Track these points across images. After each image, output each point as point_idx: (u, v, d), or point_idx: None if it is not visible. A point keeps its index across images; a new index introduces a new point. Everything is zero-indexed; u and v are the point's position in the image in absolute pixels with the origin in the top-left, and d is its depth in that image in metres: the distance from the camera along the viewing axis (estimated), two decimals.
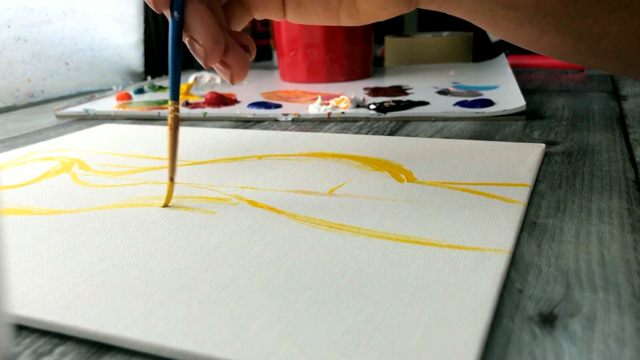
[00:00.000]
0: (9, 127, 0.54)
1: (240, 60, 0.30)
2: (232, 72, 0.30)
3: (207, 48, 0.29)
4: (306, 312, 0.19)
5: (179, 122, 0.29)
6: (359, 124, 0.49)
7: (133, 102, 0.62)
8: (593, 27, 0.29)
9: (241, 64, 0.30)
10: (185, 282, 0.21)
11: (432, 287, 0.20)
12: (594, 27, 0.29)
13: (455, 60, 0.84)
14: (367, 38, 0.72)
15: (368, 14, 0.32)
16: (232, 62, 0.30)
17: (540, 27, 0.30)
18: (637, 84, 0.65)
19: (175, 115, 0.29)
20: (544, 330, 0.18)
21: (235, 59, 0.30)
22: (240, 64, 0.30)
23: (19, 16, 0.68)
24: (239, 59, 0.30)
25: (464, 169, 0.33)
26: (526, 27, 0.30)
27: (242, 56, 0.30)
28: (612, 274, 0.21)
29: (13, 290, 0.21)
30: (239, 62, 0.30)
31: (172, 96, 0.29)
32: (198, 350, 0.17)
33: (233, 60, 0.30)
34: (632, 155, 0.36)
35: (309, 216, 0.27)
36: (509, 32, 0.31)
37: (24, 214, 0.29)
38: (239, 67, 0.30)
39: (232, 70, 0.30)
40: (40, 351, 0.18)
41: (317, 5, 0.32)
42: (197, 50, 0.29)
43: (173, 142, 0.29)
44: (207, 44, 0.28)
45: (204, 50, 0.29)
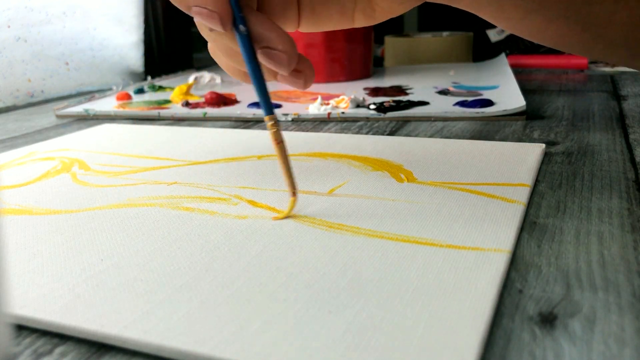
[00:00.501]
0: (9, 127, 0.54)
1: (310, 65, 0.30)
2: (305, 76, 0.30)
3: (290, 51, 0.28)
4: (306, 312, 0.19)
5: (281, 135, 0.28)
6: (359, 124, 0.49)
7: (133, 102, 0.62)
8: (600, 15, 0.29)
9: (311, 68, 0.30)
10: (185, 282, 0.21)
11: (432, 287, 0.20)
12: (600, 15, 0.29)
13: (455, 60, 0.84)
14: (367, 38, 0.72)
15: (384, 11, 0.31)
16: (303, 67, 0.30)
17: (547, 16, 0.30)
18: (637, 84, 0.65)
19: (276, 129, 0.28)
20: (544, 330, 0.18)
21: (305, 63, 0.30)
22: (310, 68, 0.30)
23: (19, 16, 0.68)
24: (308, 63, 0.30)
25: (464, 169, 0.33)
26: (533, 17, 0.30)
27: (308, 60, 0.30)
28: (612, 274, 0.21)
29: (13, 290, 0.21)
30: (309, 67, 0.30)
31: (267, 112, 0.28)
32: (198, 350, 0.17)
33: (304, 65, 0.30)
34: (632, 155, 0.36)
35: (309, 216, 0.27)
36: (515, 22, 0.31)
37: (24, 214, 0.29)
38: (309, 70, 0.30)
39: (305, 75, 0.30)
40: (40, 351, 0.18)
41: (332, 10, 0.31)
42: (278, 57, 0.28)
43: (283, 157, 0.28)
44: (287, 48, 0.28)
45: (286, 55, 0.28)
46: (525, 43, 0.89)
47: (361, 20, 0.32)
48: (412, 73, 0.75)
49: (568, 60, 0.79)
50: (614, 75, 0.72)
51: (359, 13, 0.32)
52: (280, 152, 0.28)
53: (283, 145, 0.28)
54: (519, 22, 0.31)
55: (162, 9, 0.94)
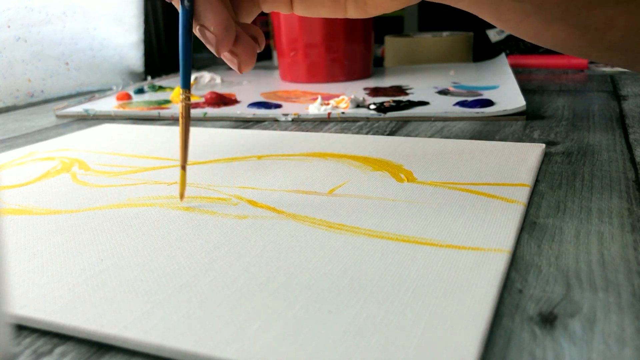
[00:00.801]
0: (9, 127, 0.54)
1: (249, 50, 0.31)
2: (240, 60, 0.31)
3: (219, 35, 0.29)
4: (306, 312, 0.19)
5: (190, 111, 0.30)
6: (359, 124, 0.49)
7: (133, 102, 0.62)
8: (599, 19, 0.29)
9: (249, 53, 0.31)
10: (185, 282, 0.21)
11: (432, 287, 0.20)
12: (600, 19, 0.29)
13: (455, 60, 0.84)
14: (367, 38, 0.72)
15: (376, 5, 0.31)
16: (240, 51, 0.30)
17: (546, 18, 0.30)
18: (637, 84, 0.65)
19: (187, 103, 0.29)
20: (544, 330, 0.18)
21: (244, 48, 0.30)
22: (249, 53, 0.31)
23: (19, 16, 0.68)
24: (247, 48, 0.30)
25: (464, 169, 0.33)
26: (532, 19, 0.30)
27: (251, 45, 0.31)
28: (612, 274, 0.21)
29: (13, 290, 0.21)
30: (247, 51, 0.31)
31: (183, 85, 0.29)
32: (198, 350, 0.17)
33: (242, 49, 0.30)
34: (632, 155, 0.36)
35: (309, 216, 0.27)
36: (514, 24, 0.31)
37: (24, 214, 0.29)
38: (246, 56, 0.31)
39: (239, 59, 0.31)
40: (40, 351, 0.18)
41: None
42: (209, 38, 0.29)
43: (184, 131, 0.29)
44: (218, 31, 0.29)
45: (215, 38, 0.29)
46: (525, 43, 0.89)
47: (353, 12, 0.32)
48: (412, 73, 0.75)
49: (568, 60, 0.79)
50: (614, 75, 0.72)
51: (351, 3, 0.32)
52: (183, 125, 0.29)
53: (187, 121, 0.29)
54: (517, 24, 0.31)
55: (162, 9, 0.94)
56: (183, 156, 0.29)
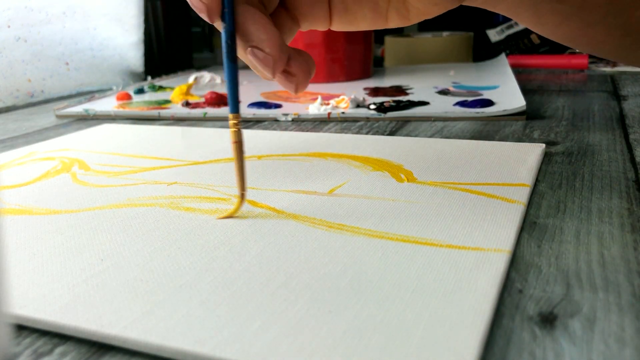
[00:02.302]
0: (9, 127, 0.54)
1: (304, 68, 0.28)
2: (297, 81, 0.29)
3: (275, 55, 0.27)
4: (306, 312, 0.19)
5: (242, 136, 0.28)
6: (359, 124, 0.49)
7: (133, 102, 0.62)
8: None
9: (305, 72, 0.28)
10: (185, 282, 0.21)
11: (432, 287, 0.20)
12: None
13: (455, 60, 0.84)
14: (367, 38, 0.72)
15: (419, 12, 0.30)
16: (296, 71, 0.28)
17: (586, 21, 0.29)
18: (637, 84, 0.65)
19: (238, 128, 0.28)
20: (544, 330, 0.18)
21: (299, 66, 0.28)
22: (305, 72, 0.28)
23: (19, 16, 0.68)
24: (302, 66, 0.28)
25: (464, 169, 0.33)
26: (571, 22, 0.29)
27: (306, 63, 0.29)
28: (612, 274, 0.21)
29: (13, 290, 0.21)
30: (303, 70, 0.28)
31: (232, 109, 0.28)
32: (198, 350, 0.17)
33: (297, 69, 0.28)
34: (632, 155, 0.36)
35: (309, 216, 0.27)
36: (553, 27, 0.30)
37: (24, 214, 0.29)
38: (303, 76, 0.28)
39: (297, 80, 0.29)
40: (40, 351, 0.18)
41: (366, 8, 0.30)
42: (263, 59, 0.27)
43: (239, 157, 0.27)
44: (274, 51, 0.27)
45: (272, 59, 0.27)
46: (525, 43, 0.89)
47: (395, 20, 0.31)
48: (412, 73, 0.75)
49: (568, 60, 0.79)
50: (614, 75, 0.72)
51: (393, 12, 0.30)
52: (236, 152, 0.28)
53: (240, 146, 0.28)
54: (556, 27, 0.30)
55: (162, 9, 0.94)
56: (241, 184, 0.27)
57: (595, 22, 0.29)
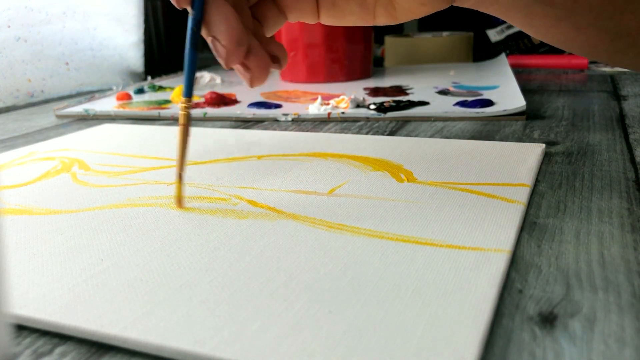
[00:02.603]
0: (9, 127, 0.54)
1: (261, 65, 0.29)
2: (252, 75, 0.30)
3: (229, 49, 0.28)
4: (306, 312, 0.19)
5: (190, 120, 0.29)
6: (359, 124, 0.49)
7: (133, 102, 0.62)
8: (631, 25, 0.28)
9: (262, 68, 0.29)
10: (185, 282, 0.21)
11: (432, 287, 0.20)
12: (632, 25, 0.28)
13: (455, 60, 0.84)
14: (367, 38, 0.72)
15: (405, 11, 0.31)
16: (252, 66, 0.29)
17: (578, 24, 0.29)
18: (637, 84, 0.65)
19: (187, 112, 0.29)
20: (544, 330, 0.18)
21: (257, 62, 0.29)
22: (261, 68, 0.29)
23: (19, 16, 0.68)
24: (260, 63, 0.29)
25: (464, 169, 0.33)
26: (563, 25, 0.30)
27: (264, 60, 0.29)
28: (612, 274, 0.21)
29: (13, 290, 0.21)
30: (260, 66, 0.29)
31: (186, 93, 0.29)
32: (198, 350, 0.17)
33: (254, 64, 0.29)
34: (632, 155, 0.36)
35: (309, 216, 0.27)
36: (544, 29, 0.30)
37: (24, 214, 0.29)
38: (259, 72, 0.29)
39: (251, 74, 0.30)
40: (40, 351, 0.18)
41: (353, 4, 0.31)
42: (219, 50, 0.28)
43: (183, 140, 0.29)
44: (229, 44, 0.28)
45: (225, 51, 0.28)
46: (525, 43, 0.89)
47: (383, 18, 0.31)
48: (412, 73, 0.75)
49: (568, 60, 0.79)
50: (614, 75, 0.72)
51: (381, 10, 0.31)
52: (181, 134, 0.29)
53: (185, 129, 0.29)
54: (548, 29, 0.30)
55: (162, 9, 0.94)
56: (181, 166, 0.29)
57: (586, 25, 0.29)
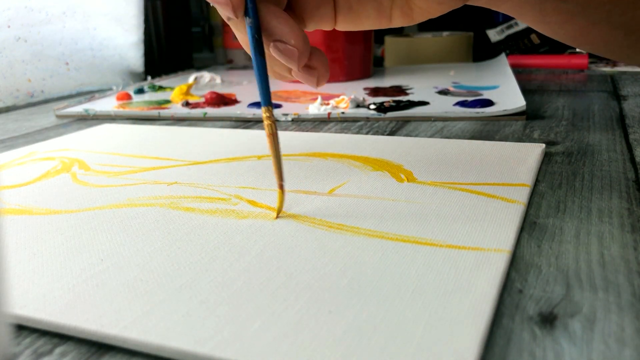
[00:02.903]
0: (9, 127, 0.54)
1: (324, 62, 0.29)
2: (319, 74, 0.29)
3: (300, 47, 0.28)
4: (306, 312, 0.19)
5: (277, 128, 0.28)
6: (359, 124, 0.49)
7: (133, 102, 0.62)
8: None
9: (325, 65, 0.29)
10: (185, 282, 0.21)
11: (432, 287, 0.20)
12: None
13: (455, 60, 0.84)
14: (367, 38, 0.72)
15: (422, 11, 0.30)
16: (317, 64, 0.29)
17: (591, 19, 0.29)
18: (637, 84, 0.65)
19: (272, 121, 0.28)
20: (544, 330, 0.18)
21: (319, 60, 0.29)
22: (325, 65, 0.29)
23: (19, 16, 0.68)
24: (322, 60, 0.29)
25: (464, 169, 0.33)
26: (576, 20, 0.29)
27: (324, 57, 0.29)
28: (612, 274, 0.21)
29: (13, 290, 0.21)
30: (324, 64, 0.29)
31: (265, 102, 0.28)
32: (198, 350, 0.17)
33: (318, 62, 0.29)
34: (632, 155, 0.36)
35: (309, 216, 0.27)
36: (557, 25, 0.30)
37: (24, 214, 0.29)
38: (324, 69, 0.29)
39: (318, 73, 0.29)
40: (40, 351, 0.18)
41: (369, 7, 0.31)
42: (289, 52, 0.28)
43: (275, 149, 0.28)
44: (299, 43, 0.27)
45: (297, 51, 0.28)
46: (525, 43, 0.89)
47: (399, 20, 0.31)
48: (412, 73, 0.75)
49: (568, 60, 0.79)
50: (614, 75, 0.72)
51: (397, 11, 0.31)
52: (272, 145, 0.28)
53: (275, 138, 0.28)
54: (560, 26, 0.30)
55: (162, 9, 0.94)
56: (279, 175, 0.27)
57: (599, 20, 0.29)
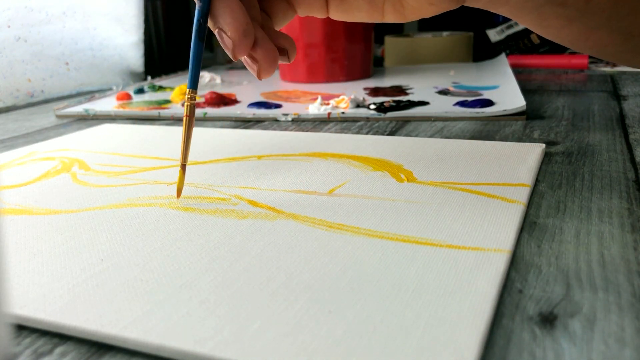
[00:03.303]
0: (9, 127, 0.54)
1: (269, 57, 0.30)
2: (259, 67, 0.30)
3: (236, 40, 0.28)
4: (306, 312, 0.19)
5: (195, 111, 0.30)
6: (359, 124, 0.49)
7: (133, 102, 0.62)
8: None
9: (270, 60, 0.30)
10: (185, 282, 0.21)
11: (432, 287, 0.20)
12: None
13: (455, 60, 0.84)
14: (367, 38, 0.72)
15: (414, 10, 0.31)
16: (260, 57, 0.30)
17: (589, 24, 0.29)
18: (637, 84, 0.65)
19: (192, 103, 0.29)
20: (544, 330, 0.18)
21: (264, 54, 0.29)
22: (268, 60, 0.30)
23: (19, 16, 0.68)
24: (267, 54, 0.30)
25: (464, 169, 0.33)
26: (574, 25, 0.30)
27: (272, 52, 0.30)
28: (612, 274, 0.21)
29: (13, 290, 0.21)
30: (267, 58, 0.30)
31: (191, 85, 0.29)
32: (198, 350, 0.17)
33: (261, 55, 0.29)
34: (632, 155, 0.36)
35: (309, 216, 0.27)
36: (556, 30, 0.31)
37: (24, 214, 0.29)
38: (266, 63, 0.30)
39: (259, 66, 0.30)
40: (40, 351, 0.18)
41: (361, 0, 0.31)
42: (225, 42, 0.29)
43: (187, 130, 0.29)
44: (235, 36, 0.28)
45: (232, 42, 0.28)
46: (525, 43, 0.89)
47: (391, 16, 0.32)
48: (412, 73, 0.75)
49: (568, 60, 0.79)
50: (614, 75, 0.72)
51: (389, 7, 0.31)
52: (186, 124, 0.29)
53: (190, 120, 0.29)
54: (559, 30, 0.30)
55: (162, 9, 0.94)
56: (184, 155, 0.29)
57: (599, 25, 0.29)
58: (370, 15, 0.32)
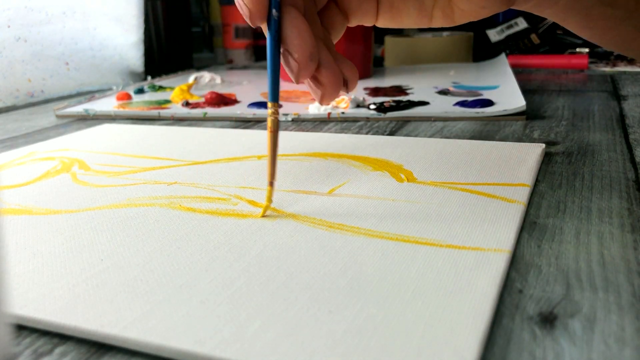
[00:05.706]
0: (9, 127, 0.54)
1: (334, 81, 0.29)
2: (324, 91, 0.29)
3: (301, 63, 0.27)
4: (306, 312, 0.19)
5: (279, 126, 0.28)
6: (359, 124, 0.49)
7: (133, 102, 0.62)
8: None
9: (335, 85, 0.29)
10: (185, 282, 0.21)
11: (432, 287, 0.20)
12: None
13: (455, 60, 0.84)
14: (367, 38, 0.72)
15: (464, 13, 0.30)
16: (325, 81, 0.28)
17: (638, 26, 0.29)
18: (637, 84, 0.65)
19: (275, 117, 0.28)
20: (544, 330, 0.18)
21: (330, 78, 0.28)
22: (334, 85, 0.29)
23: (19, 16, 0.68)
24: (332, 78, 0.28)
25: (464, 169, 0.33)
26: (622, 27, 0.29)
27: (337, 76, 0.29)
28: (612, 274, 0.21)
29: (13, 290, 0.21)
30: (332, 82, 0.29)
31: (272, 98, 0.28)
32: (198, 350, 0.17)
33: (326, 79, 0.28)
34: (632, 155, 0.36)
35: (309, 216, 0.27)
36: (602, 32, 0.30)
37: (24, 214, 0.29)
38: (332, 88, 0.29)
39: (323, 90, 0.29)
40: (40, 351, 0.18)
41: (411, 6, 0.31)
42: (291, 65, 0.28)
43: (273, 146, 0.28)
44: (301, 59, 0.27)
45: (297, 66, 0.28)
46: (525, 43, 0.89)
47: (439, 20, 0.31)
48: (412, 73, 0.75)
49: (568, 60, 0.79)
50: (614, 75, 0.72)
51: (438, 11, 0.31)
52: (271, 141, 0.28)
53: (276, 136, 0.28)
54: (605, 32, 0.30)
55: (162, 9, 0.94)
56: (271, 172, 0.28)
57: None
58: (419, 20, 0.31)
